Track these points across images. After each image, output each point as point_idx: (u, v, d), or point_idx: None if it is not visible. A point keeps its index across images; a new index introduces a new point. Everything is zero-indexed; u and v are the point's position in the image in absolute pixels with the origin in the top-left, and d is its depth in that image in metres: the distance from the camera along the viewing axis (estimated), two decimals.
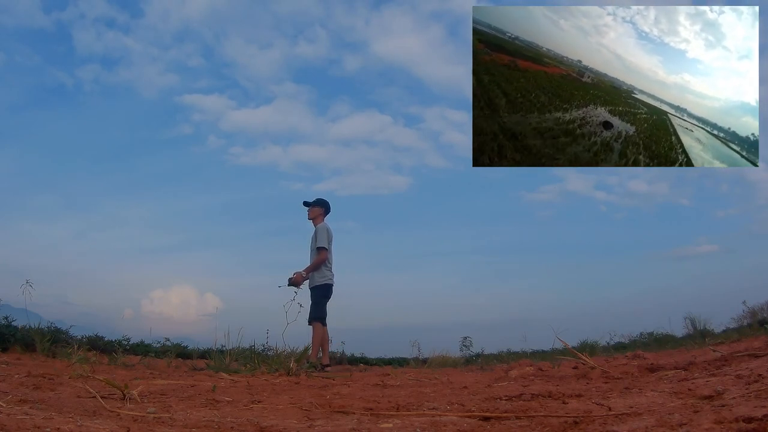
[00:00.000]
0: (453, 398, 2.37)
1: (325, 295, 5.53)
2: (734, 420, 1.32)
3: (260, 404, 2.24)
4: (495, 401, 2.18)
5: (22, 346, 5.00)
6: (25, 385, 2.46)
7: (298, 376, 3.97)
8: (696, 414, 1.48)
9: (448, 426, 1.62)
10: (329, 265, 5.61)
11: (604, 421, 1.55)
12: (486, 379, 3.82)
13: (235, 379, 3.63)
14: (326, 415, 1.96)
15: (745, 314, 8.69)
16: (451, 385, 3.28)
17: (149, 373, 3.96)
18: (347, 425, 1.71)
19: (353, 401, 2.37)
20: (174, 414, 1.85)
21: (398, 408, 2.08)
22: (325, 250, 5.54)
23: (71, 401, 2.05)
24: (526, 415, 1.74)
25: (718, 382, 2.08)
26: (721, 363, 2.87)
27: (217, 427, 1.63)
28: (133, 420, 1.68)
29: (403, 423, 1.71)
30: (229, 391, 2.75)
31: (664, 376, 2.74)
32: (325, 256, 5.54)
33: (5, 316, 5.36)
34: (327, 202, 5.88)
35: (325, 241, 5.57)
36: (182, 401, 2.26)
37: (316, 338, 5.34)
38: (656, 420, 1.46)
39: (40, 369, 3.38)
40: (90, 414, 1.74)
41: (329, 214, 5.85)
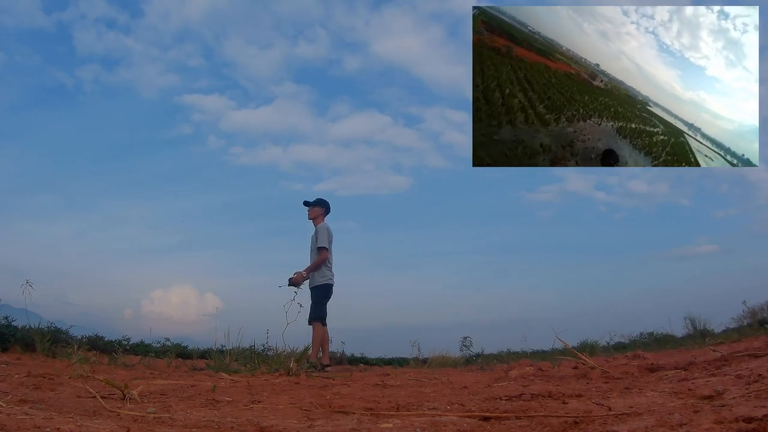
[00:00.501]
0: (453, 398, 2.37)
1: (326, 295, 5.53)
2: (734, 420, 1.32)
3: (260, 404, 2.24)
4: (495, 401, 2.18)
5: (22, 346, 5.00)
6: (25, 385, 2.46)
7: (298, 376, 3.97)
8: (696, 414, 1.48)
9: (448, 426, 1.62)
10: (329, 265, 5.61)
11: (604, 421, 1.55)
12: (486, 379, 3.82)
13: (235, 379, 3.63)
14: (326, 415, 1.96)
15: (745, 314, 8.69)
16: (451, 385, 3.28)
17: (149, 373, 3.96)
18: (347, 425, 1.71)
19: (353, 401, 2.37)
20: (174, 414, 1.85)
21: (398, 408, 2.08)
22: (326, 249, 5.54)
23: (71, 401, 2.05)
24: (526, 415, 1.74)
25: (718, 382, 2.08)
26: (721, 363, 2.87)
27: (217, 427, 1.63)
28: (133, 420, 1.68)
29: (403, 423, 1.71)
30: (229, 391, 2.75)
31: (664, 376, 2.74)
32: (326, 256, 5.54)
33: (5, 316, 5.36)
34: (327, 202, 5.88)
35: (325, 240, 5.57)
36: (182, 401, 2.26)
37: (316, 338, 5.34)
38: (656, 420, 1.46)
39: (40, 369, 3.38)
40: (90, 414, 1.74)
41: (329, 214, 5.85)
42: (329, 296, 5.56)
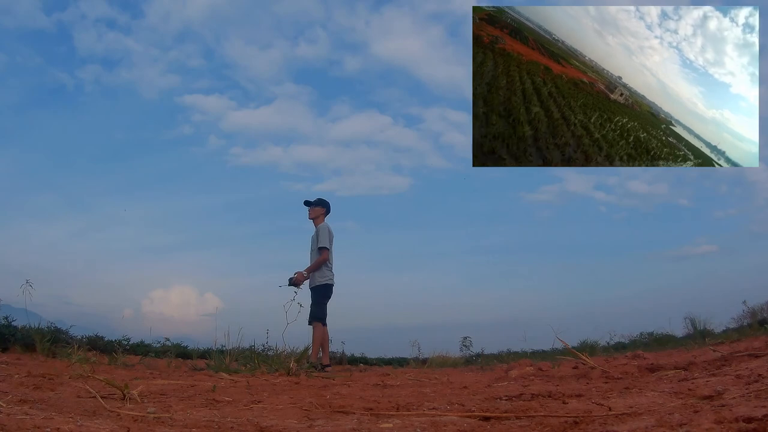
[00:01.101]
0: (453, 398, 2.37)
1: (326, 295, 5.53)
2: (734, 420, 1.32)
3: (260, 404, 2.24)
4: (495, 401, 2.18)
5: (22, 346, 5.00)
6: (25, 385, 2.46)
7: (298, 376, 3.97)
8: (696, 414, 1.48)
9: (448, 426, 1.62)
10: (330, 265, 5.61)
11: (604, 421, 1.55)
12: (486, 379, 3.82)
13: (235, 379, 3.63)
14: (326, 415, 1.96)
15: (745, 314, 8.68)
16: (451, 385, 3.28)
17: (149, 373, 3.96)
18: (347, 425, 1.71)
19: (353, 401, 2.37)
20: (174, 414, 1.85)
21: (398, 408, 2.08)
22: (327, 250, 5.54)
23: (71, 401, 2.05)
24: (526, 415, 1.74)
25: (718, 382, 2.08)
26: (721, 363, 2.87)
27: (217, 427, 1.63)
28: (133, 420, 1.68)
29: (403, 423, 1.71)
30: (229, 391, 2.75)
31: (664, 376, 2.74)
32: (327, 256, 5.54)
33: (5, 316, 5.37)
34: (328, 203, 5.88)
35: (326, 241, 5.57)
36: (182, 401, 2.26)
37: (316, 338, 5.35)
38: (656, 420, 1.46)
39: (40, 369, 3.38)
40: (90, 414, 1.74)
41: (330, 214, 5.86)
42: (329, 296, 5.56)
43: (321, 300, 5.49)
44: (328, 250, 5.57)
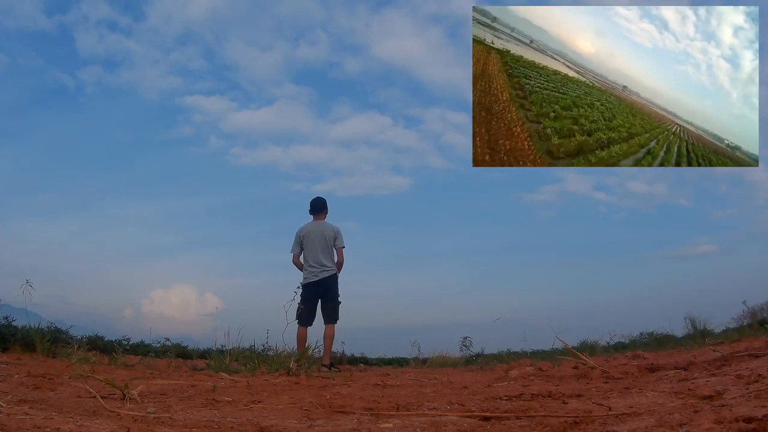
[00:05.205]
0: (453, 398, 2.37)
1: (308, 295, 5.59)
2: (734, 420, 1.32)
3: (260, 404, 2.24)
4: (495, 401, 2.18)
5: (22, 346, 4.99)
6: (25, 385, 2.46)
7: (298, 376, 3.97)
8: (696, 414, 1.48)
9: (448, 426, 1.62)
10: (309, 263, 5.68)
11: (604, 421, 1.55)
12: (486, 379, 3.82)
13: (235, 379, 3.63)
14: (326, 415, 1.96)
15: (745, 314, 8.66)
16: (451, 385, 3.28)
17: (149, 373, 3.96)
18: (347, 425, 1.71)
19: (353, 401, 2.37)
20: (174, 414, 1.85)
21: (398, 408, 2.08)
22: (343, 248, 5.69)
23: (71, 401, 2.05)
24: (526, 415, 1.74)
25: (718, 382, 2.08)
26: (721, 363, 2.87)
27: (217, 427, 1.63)
28: (133, 420, 1.68)
29: (403, 423, 1.71)
30: (229, 391, 2.75)
31: (664, 376, 2.74)
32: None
33: (5, 316, 5.36)
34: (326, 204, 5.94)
35: (342, 240, 5.69)
36: (182, 401, 2.26)
37: (329, 337, 5.44)
38: (656, 420, 1.46)
39: (40, 369, 3.38)
40: (90, 414, 1.74)
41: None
42: (306, 297, 5.57)
43: (337, 298, 5.59)
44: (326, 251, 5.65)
